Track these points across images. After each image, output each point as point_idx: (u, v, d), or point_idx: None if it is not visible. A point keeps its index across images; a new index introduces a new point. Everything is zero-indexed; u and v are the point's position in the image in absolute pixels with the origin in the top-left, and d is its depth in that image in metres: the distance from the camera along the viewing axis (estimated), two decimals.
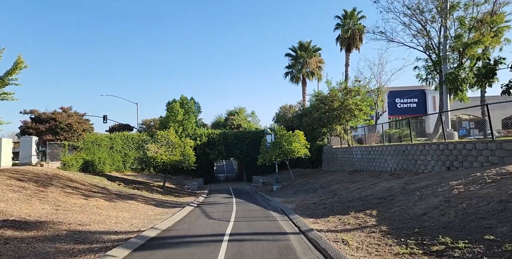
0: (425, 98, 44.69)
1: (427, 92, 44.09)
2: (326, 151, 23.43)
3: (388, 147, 14.04)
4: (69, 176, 14.40)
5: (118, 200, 12.31)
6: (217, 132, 32.46)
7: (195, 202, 15.57)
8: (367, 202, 9.33)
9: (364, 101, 18.51)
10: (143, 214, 10.55)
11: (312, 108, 25.95)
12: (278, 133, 22.11)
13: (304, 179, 21.38)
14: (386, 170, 14.10)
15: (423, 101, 44.55)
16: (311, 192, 16.03)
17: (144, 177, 24.58)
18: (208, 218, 10.14)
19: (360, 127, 22.88)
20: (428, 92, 44.09)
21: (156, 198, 15.47)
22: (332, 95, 19.18)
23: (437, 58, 13.04)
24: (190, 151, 21.50)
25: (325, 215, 9.13)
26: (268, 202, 15.06)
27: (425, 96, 44.40)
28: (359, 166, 17.46)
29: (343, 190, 12.98)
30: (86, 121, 23.20)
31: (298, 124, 27.51)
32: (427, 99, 44.64)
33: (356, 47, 32.85)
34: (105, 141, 22.65)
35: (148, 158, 19.08)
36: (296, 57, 32.68)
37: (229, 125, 44.18)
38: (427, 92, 44.11)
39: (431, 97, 44.88)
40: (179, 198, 17.68)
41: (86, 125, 22.45)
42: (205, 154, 31.40)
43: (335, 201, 11.22)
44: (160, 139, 20.55)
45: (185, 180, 28.93)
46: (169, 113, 30.04)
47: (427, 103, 44.24)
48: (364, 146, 17.15)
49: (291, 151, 21.15)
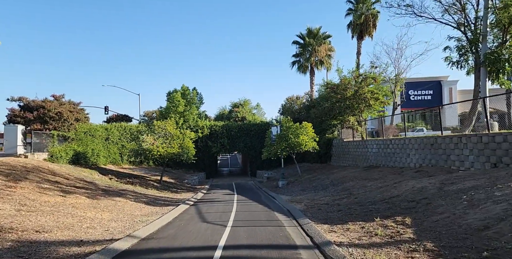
0: (441, 90, 42.16)
1: (443, 84, 41.57)
2: (336, 145, 21.68)
3: (411, 140, 12.25)
4: (53, 169, 13.02)
5: (103, 197, 10.87)
6: (220, 124, 30.91)
7: (192, 199, 14.10)
8: (394, 206, 7.65)
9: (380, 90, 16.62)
10: (127, 214, 9.07)
11: (321, 99, 24.12)
12: (284, 125, 20.41)
13: (312, 175, 19.73)
14: (409, 166, 12.35)
15: (439, 93, 42.03)
16: (321, 190, 14.40)
17: (142, 171, 23.26)
18: (202, 221, 8.60)
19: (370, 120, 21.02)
20: (444, 84, 41.55)
21: (149, 194, 14.04)
22: (345, 83, 17.31)
23: (474, 36, 11.12)
24: (190, 143, 19.99)
25: (342, 220, 7.49)
26: (273, 201, 13.50)
27: (441, 88, 41.88)
28: (375, 161, 15.72)
29: (360, 189, 11.30)
30: (81, 111, 21.85)
31: (305, 116, 25.74)
32: (443, 91, 42.10)
33: (369, 34, 30.60)
34: (100, 131, 21.27)
35: (144, 151, 17.65)
36: (304, 45, 30.61)
37: (233, 118, 42.60)
38: (443, 83, 41.58)
39: (447, 89, 42.33)
40: (176, 194, 16.24)
41: (81, 115, 21.08)
42: (207, 147, 29.95)
43: (352, 202, 9.56)
44: (157, 130, 19.05)
45: (185, 174, 27.59)
46: (169, 104, 28.56)
47: (443, 95, 41.72)
48: (381, 139, 15.36)
49: (298, 145, 19.48)
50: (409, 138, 12.50)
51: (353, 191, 11.37)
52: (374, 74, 17.12)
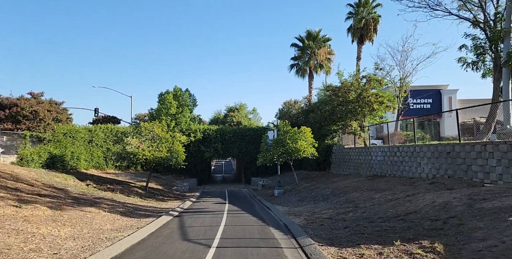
0: (440, 99, 41.54)
1: (442, 93, 40.97)
2: (336, 152, 20.42)
3: (423, 147, 11.01)
4: (18, 174, 11.48)
5: (71, 207, 9.36)
6: (213, 128, 29.51)
7: (178, 209, 12.61)
8: (414, 225, 6.31)
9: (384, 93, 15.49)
10: (94, 229, 7.59)
11: (321, 103, 22.95)
12: (282, 129, 19.12)
13: (311, 183, 18.37)
14: (420, 176, 11.07)
15: (438, 102, 41.38)
16: (321, 201, 13.04)
17: (128, 176, 21.66)
18: (182, 239, 7.16)
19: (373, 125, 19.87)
20: (444, 92, 40.95)
21: (129, 203, 12.52)
22: (347, 85, 16.15)
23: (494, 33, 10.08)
24: (180, 147, 18.54)
25: (352, 241, 6.13)
26: (268, 212, 12.08)
27: (441, 97, 41.27)
28: (380, 170, 14.44)
29: (367, 201, 9.96)
30: (63, 111, 20.33)
31: (303, 121, 24.53)
32: (442, 100, 41.48)
33: (370, 39, 29.78)
34: (82, 133, 19.72)
35: (128, 154, 16.15)
36: (303, 48, 29.63)
37: (228, 122, 41.26)
38: (442, 92, 40.99)
39: (447, 98, 41.71)
40: (161, 202, 14.72)
41: (62, 115, 19.56)
42: (200, 152, 28.45)
43: (360, 217, 8.21)
44: (143, 132, 17.60)
45: (175, 180, 26.00)
46: (160, 105, 27.16)
47: (442, 104, 41.11)
48: (387, 146, 14.13)
49: (296, 150, 18.16)
50: (420, 145, 11.27)
51: (359, 204, 10.03)
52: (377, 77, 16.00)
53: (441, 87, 41.99)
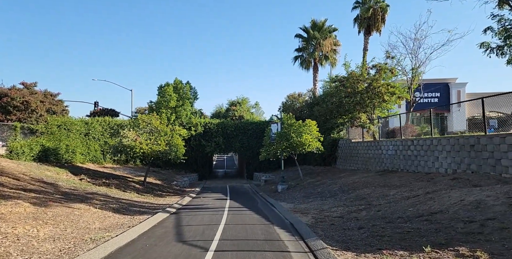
0: (448, 93, 40.35)
1: (451, 86, 39.75)
2: (343, 146, 19.53)
3: (441, 140, 10.09)
4: (4, 167, 10.76)
5: (58, 203, 8.61)
6: (215, 122, 28.68)
7: (176, 206, 11.86)
8: (443, 227, 5.46)
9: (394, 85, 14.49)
10: (80, 228, 6.83)
11: (326, 95, 21.98)
12: (286, 122, 18.23)
13: (316, 179, 17.56)
14: (438, 171, 10.18)
15: (446, 96, 40.19)
16: (328, 197, 12.22)
17: (126, 171, 20.96)
18: (177, 240, 6.37)
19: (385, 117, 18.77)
20: (452, 86, 39.75)
21: (124, 199, 11.77)
22: (356, 75, 15.17)
23: None
24: (179, 141, 17.74)
25: (370, 245, 5.31)
26: (272, 209, 11.30)
27: (449, 90, 40.10)
28: (391, 165, 13.57)
29: (381, 199, 9.11)
30: (59, 102, 19.55)
31: (308, 114, 23.60)
32: (450, 94, 40.29)
33: (377, 29, 28.59)
34: (78, 126, 18.94)
35: (124, 147, 15.38)
36: (308, 39, 28.49)
37: (230, 116, 40.36)
38: (451, 86, 39.77)
39: (455, 92, 40.51)
40: (159, 198, 13.99)
41: (57, 107, 18.79)
42: (201, 147, 27.70)
43: (375, 217, 7.38)
44: (141, 124, 16.80)
45: (176, 175, 25.31)
46: (160, 98, 26.29)
47: (450, 98, 39.94)
48: (399, 139, 13.22)
49: (301, 144, 17.30)
50: (438, 138, 10.35)
51: (372, 201, 9.19)
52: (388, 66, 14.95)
53: (450, 80, 40.70)
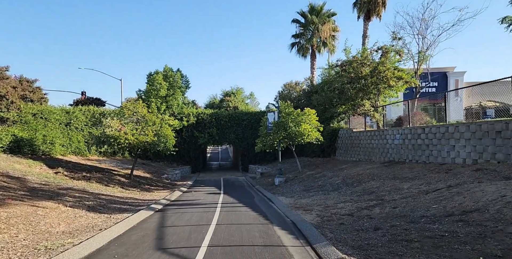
0: (446, 82, 39.54)
1: (449, 75, 38.91)
2: (343, 136, 18.46)
3: (459, 127, 9.01)
4: None
5: (20, 201, 7.33)
6: (208, 112, 27.31)
7: (163, 201, 10.68)
8: (489, 231, 4.38)
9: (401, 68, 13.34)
10: (38, 233, 5.60)
11: (325, 83, 20.76)
12: (284, 110, 17.01)
13: (316, 171, 16.51)
14: (455, 162, 9.14)
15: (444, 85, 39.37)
16: (331, 191, 11.17)
17: (113, 163, 19.62)
18: (155, 248, 5.20)
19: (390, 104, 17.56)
20: (450, 75, 38.88)
21: (105, 195, 10.53)
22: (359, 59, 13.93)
23: None
24: (169, 131, 16.42)
25: (397, 254, 4.21)
26: (270, 205, 10.20)
27: (447, 80, 39.26)
28: (397, 156, 12.54)
29: (393, 193, 8.05)
30: (36, 90, 17.92)
31: (306, 104, 22.40)
32: (448, 83, 39.48)
33: (377, 14, 27.14)
34: (58, 115, 17.41)
35: (108, 138, 14.02)
36: (306, 24, 26.97)
37: (224, 107, 38.98)
38: (449, 75, 38.92)
39: (453, 81, 39.70)
40: (146, 193, 12.78)
41: (35, 95, 17.21)
42: (193, 138, 26.40)
43: (392, 215, 6.30)
44: (126, 113, 15.40)
45: (167, 167, 24.06)
46: (149, 87, 24.76)
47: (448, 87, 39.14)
48: (407, 127, 12.14)
49: (300, 135, 16.16)
50: (456, 124, 9.26)
51: (383, 196, 8.12)
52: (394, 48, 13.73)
53: (448, 69, 39.76)
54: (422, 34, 13.49)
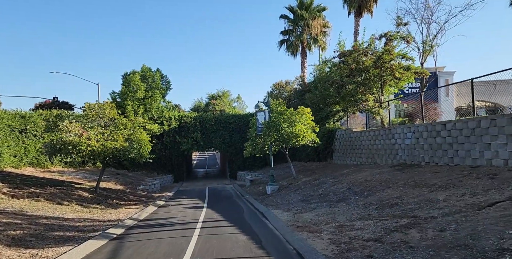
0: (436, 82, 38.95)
1: (439, 75, 38.36)
2: (341, 138, 16.67)
3: (497, 120, 7.25)
4: None
5: None
6: (191, 115, 25.07)
7: (127, 222, 8.39)
8: None
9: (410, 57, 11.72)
10: None
11: (319, 81, 19.06)
12: (275, 109, 15.08)
13: (313, 177, 14.55)
14: (493, 164, 7.37)
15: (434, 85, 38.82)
16: (336, 201, 9.21)
17: (79, 175, 17.01)
18: None
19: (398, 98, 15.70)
20: (441, 75, 38.31)
21: (48, 218, 8.12)
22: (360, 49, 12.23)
23: None
24: (143, 135, 14.09)
25: None
26: (264, 223, 8.12)
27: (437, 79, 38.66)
28: (409, 157, 10.76)
29: (427, 207, 6.14)
30: None
31: (298, 104, 20.59)
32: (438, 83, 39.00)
33: (369, 10, 25.95)
34: (10, 120, 14.76)
35: (65, 145, 11.59)
36: (295, 19, 25.40)
37: (210, 111, 36.77)
38: (439, 74, 38.38)
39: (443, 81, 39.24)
40: (110, 210, 10.39)
41: None
42: (176, 144, 24.03)
43: (443, 243, 4.34)
44: (90, 114, 13.02)
45: (145, 177, 21.53)
46: (125, 88, 22.32)
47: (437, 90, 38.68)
48: (421, 124, 10.40)
49: (294, 136, 14.24)
50: (491, 117, 7.51)
51: (413, 210, 6.19)
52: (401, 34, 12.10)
53: (437, 69, 39.30)
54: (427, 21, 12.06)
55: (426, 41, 13.09)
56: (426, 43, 13.20)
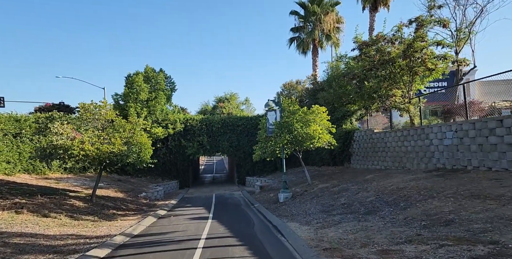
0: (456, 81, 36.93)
1: None
2: (360, 139, 15.08)
3: None
4: None
5: None
6: (197, 118, 23.86)
7: (117, 240, 7.05)
8: None
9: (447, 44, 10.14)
10: None
11: (334, 78, 17.55)
12: (286, 108, 13.66)
13: (330, 183, 12.97)
14: None
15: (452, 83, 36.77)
16: (365, 214, 7.65)
17: (78, 182, 15.89)
18: None
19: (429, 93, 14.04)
20: None
21: (24, 234, 6.87)
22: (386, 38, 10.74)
23: None
24: (144, 138, 12.84)
25: None
26: (279, 241, 6.66)
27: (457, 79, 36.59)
28: (450, 161, 9.13)
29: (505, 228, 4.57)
30: None
31: (311, 104, 19.08)
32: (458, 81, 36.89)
33: (385, 4, 24.44)
34: (3, 123, 13.79)
35: (55, 149, 10.45)
36: (306, 15, 24.06)
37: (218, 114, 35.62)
38: None
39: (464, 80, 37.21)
40: (103, 222, 9.10)
41: None
42: (181, 148, 22.82)
43: None
44: (84, 115, 11.88)
45: (149, 183, 20.32)
46: (128, 90, 21.34)
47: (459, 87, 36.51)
48: (465, 121, 8.80)
49: (309, 138, 12.76)
50: None
51: (488, 232, 4.64)
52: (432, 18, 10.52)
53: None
54: (462, 3, 10.49)
55: (460, 28, 11.46)
56: (460, 30, 11.57)
